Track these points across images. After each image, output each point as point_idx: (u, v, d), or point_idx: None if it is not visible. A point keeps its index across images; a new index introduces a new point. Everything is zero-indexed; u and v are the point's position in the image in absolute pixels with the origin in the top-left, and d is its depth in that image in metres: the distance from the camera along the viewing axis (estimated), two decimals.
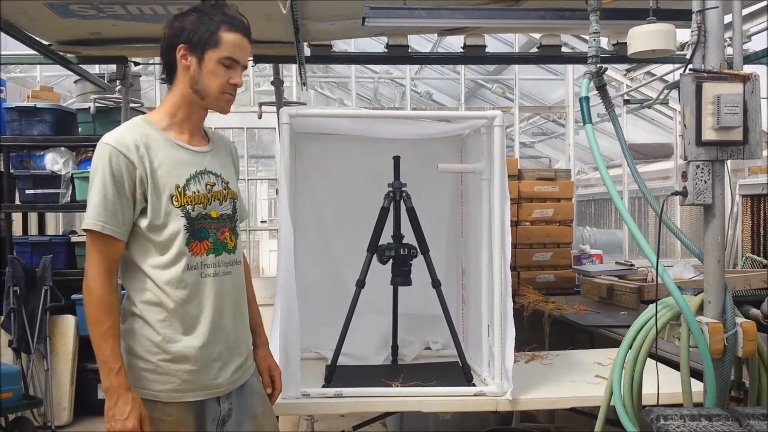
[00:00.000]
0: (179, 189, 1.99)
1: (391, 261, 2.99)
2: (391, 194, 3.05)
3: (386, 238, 3.08)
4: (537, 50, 4.48)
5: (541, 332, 4.60)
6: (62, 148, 5.38)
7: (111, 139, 1.96)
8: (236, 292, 2.12)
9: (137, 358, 1.98)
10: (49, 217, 7.06)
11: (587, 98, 2.42)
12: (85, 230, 1.94)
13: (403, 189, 3.07)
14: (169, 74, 2.07)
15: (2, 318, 4.96)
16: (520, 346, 4.22)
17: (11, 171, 5.38)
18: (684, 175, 2.13)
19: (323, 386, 2.87)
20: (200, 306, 2.01)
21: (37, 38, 4.06)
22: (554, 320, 4.53)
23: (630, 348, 2.32)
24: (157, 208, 1.96)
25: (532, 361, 3.37)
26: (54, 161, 5.39)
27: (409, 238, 3.06)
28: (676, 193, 2.15)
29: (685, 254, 6.64)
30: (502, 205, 2.78)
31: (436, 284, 3.00)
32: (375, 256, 3.01)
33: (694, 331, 2.10)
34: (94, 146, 5.67)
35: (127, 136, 1.97)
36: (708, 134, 2.09)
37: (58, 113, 5.44)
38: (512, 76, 7.25)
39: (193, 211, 2.00)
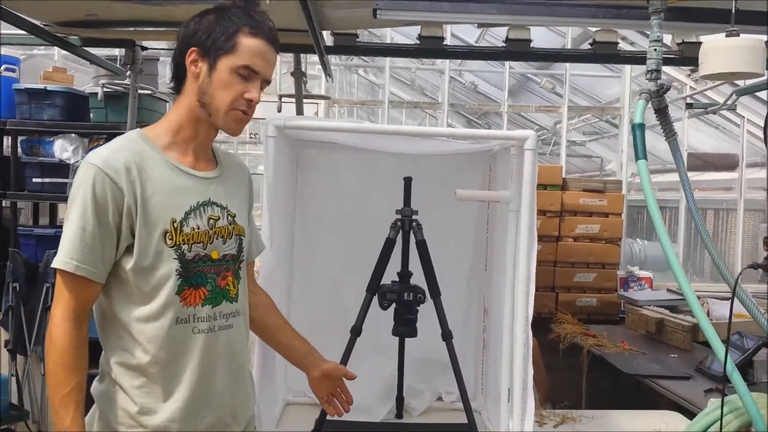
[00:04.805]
0: (175, 224, 1.65)
1: (393, 306, 2.51)
2: (399, 223, 2.57)
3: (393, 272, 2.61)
4: (590, 47, 3.92)
5: (578, 370, 4.10)
6: (72, 135, 5.05)
7: (97, 159, 1.62)
8: (234, 350, 1.77)
9: (110, 429, 1.67)
10: (63, 208, 6.77)
11: (642, 126, 1.90)
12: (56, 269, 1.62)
13: (414, 217, 2.58)
14: (177, 83, 1.75)
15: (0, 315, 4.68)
16: (553, 390, 3.70)
17: (19, 157, 5.08)
18: (766, 242, 1.60)
19: None
20: (183, 366, 1.68)
21: (28, 18, 3.68)
22: (594, 356, 4.03)
23: None
24: (145, 245, 1.63)
25: (562, 424, 2.86)
26: (63, 148, 5.06)
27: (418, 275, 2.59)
28: (755, 266, 1.62)
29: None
30: (529, 247, 2.29)
31: (446, 336, 2.53)
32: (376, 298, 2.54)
33: None
34: (106, 134, 5.29)
35: (118, 155, 1.64)
36: None
37: (69, 97, 5.10)
38: (563, 71, 6.66)
39: (189, 251, 1.66)
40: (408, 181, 2.61)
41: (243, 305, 1.81)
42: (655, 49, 1.95)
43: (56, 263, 1.60)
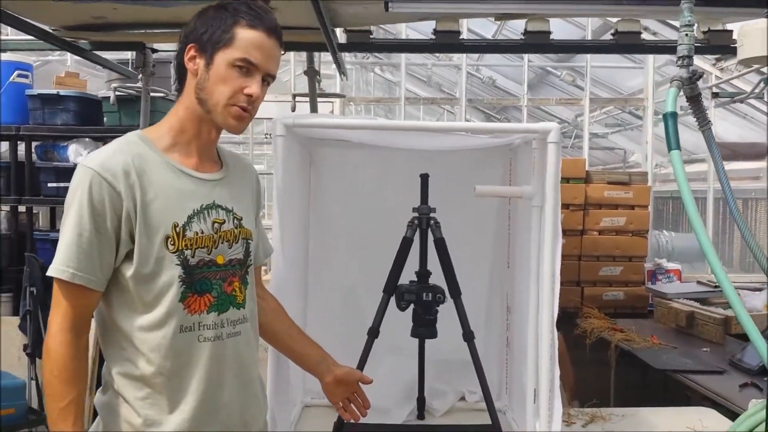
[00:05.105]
0: (177, 229, 1.57)
1: (411, 306, 2.42)
2: (416, 222, 2.47)
3: (411, 272, 2.52)
4: (612, 37, 3.79)
5: (605, 365, 3.99)
6: (87, 139, 5.02)
7: (94, 162, 1.55)
8: (242, 358, 1.70)
9: None
10: None
11: (674, 114, 1.78)
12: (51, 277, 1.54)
13: (432, 215, 2.48)
14: (180, 83, 1.69)
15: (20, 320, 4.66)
16: (580, 384, 3.59)
17: (33, 162, 5.05)
18: None
19: None
20: (189, 376, 1.60)
21: (35, 23, 3.62)
22: (622, 351, 3.91)
23: None
24: (146, 252, 1.55)
25: (591, 423, 2.75)
26: (77, 153, 5.03)
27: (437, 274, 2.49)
28: None
29: None
30: (553, 243, 2.18)
31: (468, 336, 2.42)
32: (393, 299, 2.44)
33: None
34: (119, 137, 5.29)
35: (116, 158, 1.56)
36: None
37: (82, 101, 5.09)
38: (584, 63, 6.53)
39: (192, 257, 1.59)
40: (425, 178, 2.51)
41: (251, 311, 1.74)
42: (687, 35, 1.84)
43: (52, 271, 1.52)
